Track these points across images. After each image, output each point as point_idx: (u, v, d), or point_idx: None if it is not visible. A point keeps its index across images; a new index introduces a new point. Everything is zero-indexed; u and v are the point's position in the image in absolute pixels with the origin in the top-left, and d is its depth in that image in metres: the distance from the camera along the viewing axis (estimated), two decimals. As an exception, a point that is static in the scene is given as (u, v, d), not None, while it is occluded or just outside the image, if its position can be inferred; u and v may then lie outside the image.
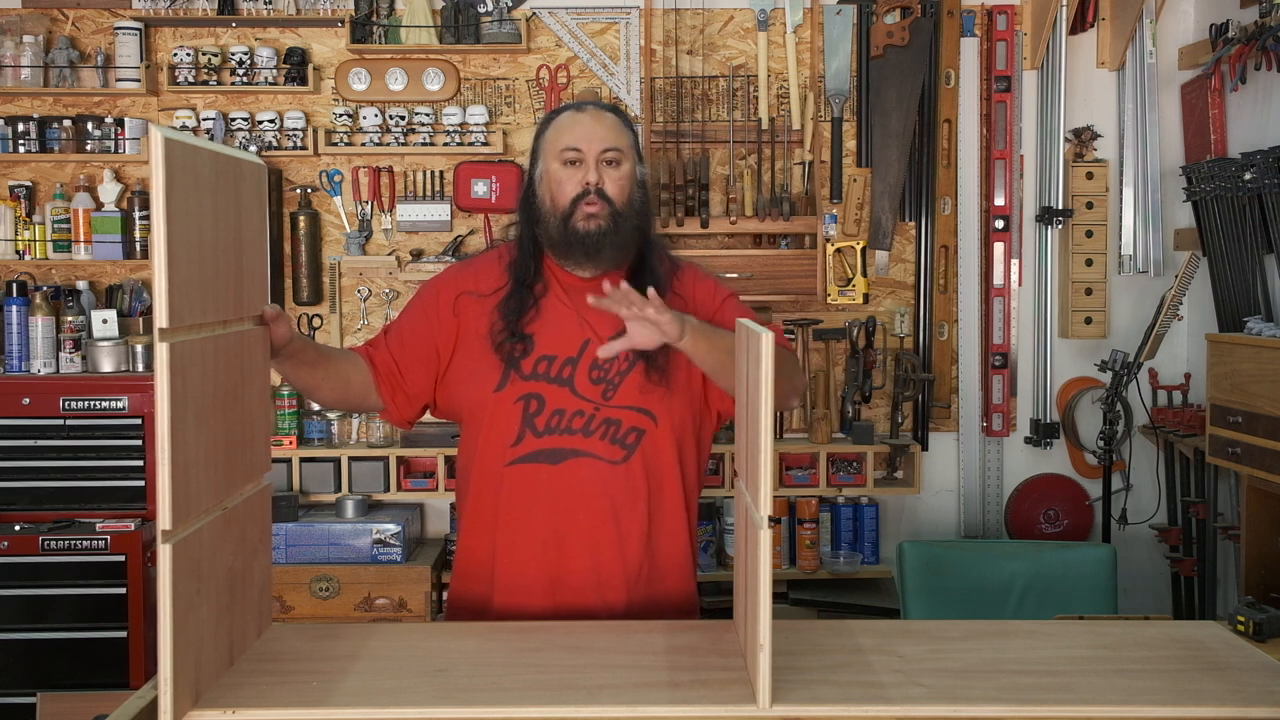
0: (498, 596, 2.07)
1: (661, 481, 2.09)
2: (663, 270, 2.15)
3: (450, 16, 4.08)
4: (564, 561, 2.05)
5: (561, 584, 2.05)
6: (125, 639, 3.66)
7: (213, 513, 1.58)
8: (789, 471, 4.06)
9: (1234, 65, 3.60)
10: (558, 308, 2.10)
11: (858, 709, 1.55)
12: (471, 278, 2.17)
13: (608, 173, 2.06)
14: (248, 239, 1.72)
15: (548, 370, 2.07)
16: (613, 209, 2.05)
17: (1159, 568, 4.14)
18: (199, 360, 1.51)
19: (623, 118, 2.14)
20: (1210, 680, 1.66)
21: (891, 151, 4.12)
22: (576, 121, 2.09)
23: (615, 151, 2.07)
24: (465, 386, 2.12)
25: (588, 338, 2.08)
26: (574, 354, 2.07)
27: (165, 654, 1.44)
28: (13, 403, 3.80)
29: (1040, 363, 4.21)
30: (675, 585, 2.12)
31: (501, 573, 2.07)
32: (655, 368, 2.06)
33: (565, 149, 2.06)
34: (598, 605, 2.05)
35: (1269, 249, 3.50)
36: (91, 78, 4.07)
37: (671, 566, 2.11)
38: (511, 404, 2.06)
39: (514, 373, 2.07)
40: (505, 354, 2.07)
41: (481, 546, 2.10)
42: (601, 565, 2.05)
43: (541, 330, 2.08)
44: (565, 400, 2.06)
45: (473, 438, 2.12)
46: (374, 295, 4.20)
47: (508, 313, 2.08)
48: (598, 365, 2.07)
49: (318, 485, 4.00)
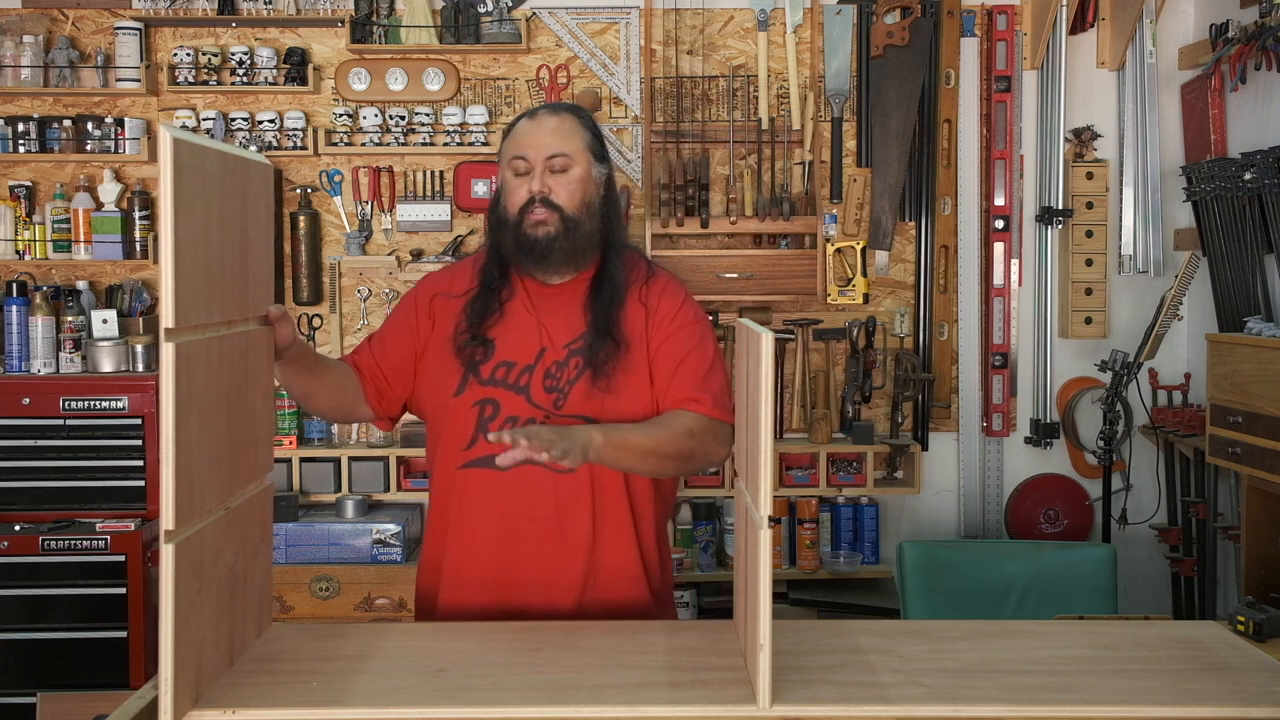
0: (444, 592, 2.10)
1: (606, 490, 2.07)
2: (630, 278, 2.13)
3: (450, 16, 4.08)
4: (509, 564, 2.05)
5: (506, 585, 2.06)
6: (125, 639, 3.66)
7: (215, 513, 1.58)
8: (789, 471, 4.06)
9: (1234, 65, 3.60)
10: (521, 314, 2.11)
11: (858, 709, 1.55)
12: (447, 281, 2.20)
13: (555, 179, 2.06)
14: (254, 239, 1.72)
15: (505, 376, 2.08)
16: (561, 215, 2.05)
17: (1159, 568, 4.14)
18: (204, 360, 1.51)
19: (580, 118, 2.12)
20: (1210, 680, 1.66)
21: (891, 151, 4.12)
22: (525, 130, 2.10)
23: (562, 158, 2.06)
24: (429, 388, 2.14)
25: (544, 345, 2.08)
26: (531, 361, 2.08)
27: (166, 654, 1.44)
28: (13, 403, 3.80)
29: (1040, 363, 4.21)
30: (625, 594, 2.08)
31: (450, 570, 2.09)
32: (602, 375, 2.05)
33: (513, 158, 2.08)
34: (543, 608, 2.04)
35: (1269, 249, 3.50)
36: (91, 78, 4.07)
37: (619, 577, 2.08)
38: (468, 408, 2.07)
39: (473, 377, 2.08)
40: (466, 358, 2.08)
41: (435, 544, 2.13)
42: (546, 571, 2.05)
43: (503, 335, 2.09)
44: (519, 407, 2.06)
45: (434, 439, 2.16)
46: (374, 295, 4.20)
47: (471, 315, 2.10)
48: (550, 374, 2.07)
49: (318, 485, 4.00)
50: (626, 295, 2.11)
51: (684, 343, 2.11)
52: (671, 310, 2.13)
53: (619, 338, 2.07)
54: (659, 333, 2.11)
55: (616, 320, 2.08)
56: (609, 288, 2.10)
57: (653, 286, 2.15)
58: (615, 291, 2.10)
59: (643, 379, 2.09)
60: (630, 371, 2.07)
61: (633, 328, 2.10)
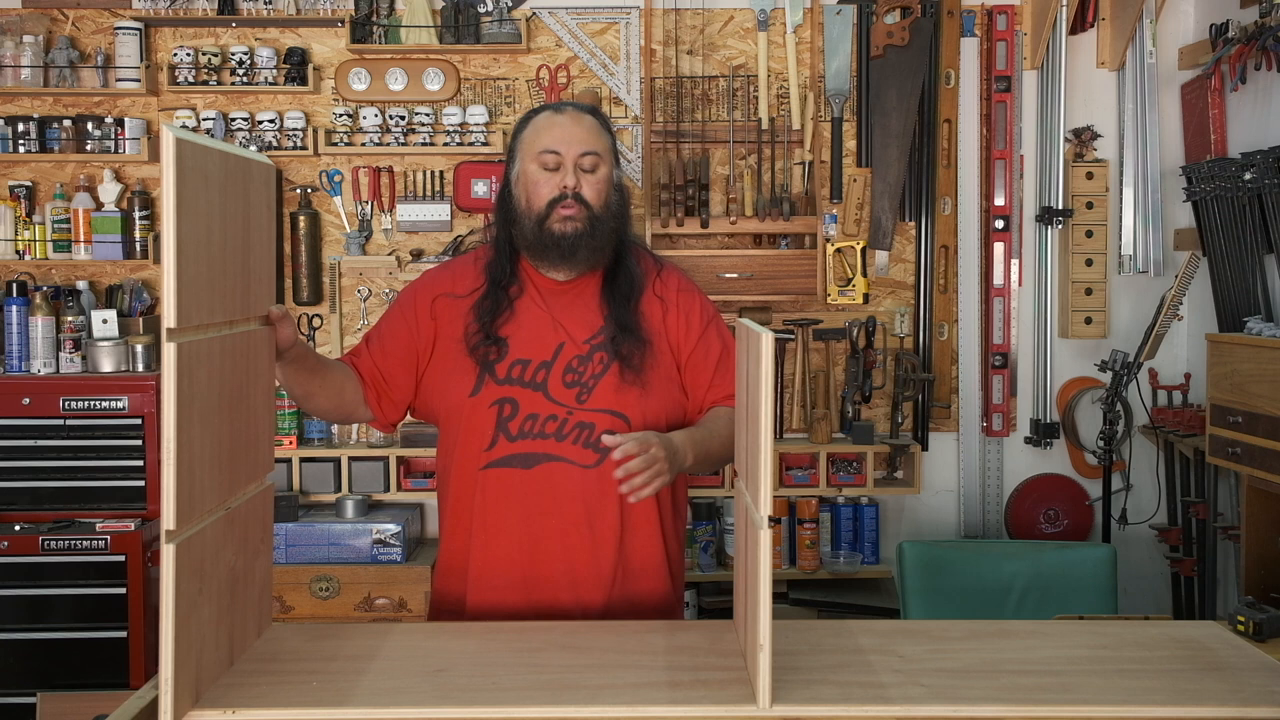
0: (472, 594, 2.08)
1: None
2: (642, 270, 2.15)
3: (450, 16, 4.08)
4: (538, 563, 2.06)
5: (535, 584, 2.06)
6: (125, 639, 3.66)
7: (216, 513, 1.58)
8: (789, 471, 4.06)
9: (1234, 65, 3.60)
10: (532, 310, 2.11)
11: (858, 709, 1.55)
12: (448, 280, 2.18)
13: (585, 177, 2.06)
14: (255, 239, 1.72)
15: (521, 374, 2.07)
16: (590, 213, 2.05)
17: (1159, 568, 4.14)
18: (205, 360, 1.51)
19: (601, 120, 2.14)
20: (1210, 680, 1.66)
21: (891, 151, 4.12)
22: (555, 124, 2.08)
23: (593, 156, 2.07)
24: (442, 390, 2.13)
25: (562, 341, 2.08)
26: (548, 358, 2.08)
27: (166, 654, 1.44)
28: (13, 403, 3.80)
29: (1040, 363, 4.21)
30: (651, 586, 2.11)
31: (476, 571, 2.08)
32: (630, 368, 2.06)
33: (543, 151, 2.06)
34: (573, 605, 2.05)
35: (1269, 249, 3.50)
36: (91, 78, 4.07)
37: (646, 569, 2.11)
38: (486, 408, 2.07)
39: (488, 376, 2.07)
40: (480, 357, 2.07)
41: (459, 546, 2.12)
42: (575, 567, 2.06)
43: (516, 333, 2.09)
44: (538, 405, 2.06)
45: (450, 441, 2.14)
46: (374, 295, 4.20)
47: (482, 314, 2.09)
48: (572, 369, 2.07)
49: (318, 485, 4.00)
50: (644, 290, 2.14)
51: (714, 340, 2.15)
52: (695, 309, 2.17)
53: (643, 332, 2.09)
54: (690, 334, 2.14)
55: (638, 314, 2.10)
56: (627, 283, 2.10)
57: (667, 281, 2.18)
58: (635, 286, 2.10)
59: (669, 372, 2.12)
60: (656, 366, 2.09)
61: (652, 322, 2.12)
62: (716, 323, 2.19)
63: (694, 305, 2.17)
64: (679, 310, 2.15)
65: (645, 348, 2.07)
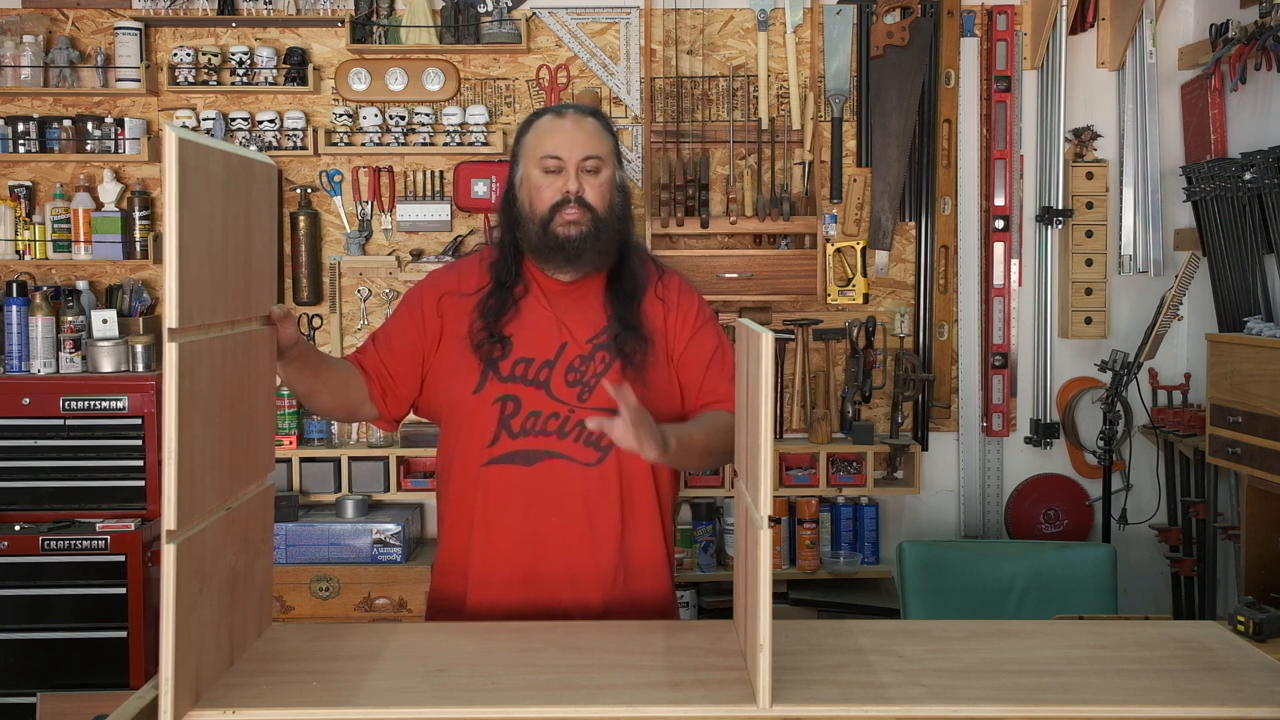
0: (472, 592, 2.09)
1: (635, 483, 2.10)
2: (644, 273, 2.17)
3: (450, 16, 4.08)
4: (538, 560, 2.06)
5: (536, 582, 2.07)
6: (125, 639, 3.66)
7: (216, 513, 1.58)
8: (789, 471, 4.06)
9: (1234, 65, 3.60)
10: (537, 310, 2.12)
11: (858, 709, 1.55)
12: (454, 279, 2.19)
13: (588, 180, 2.07)
14: (257, 239, 1.72)
15: (525, 372, 2.09)
16: (594, 215, 2.07)
17: (1159, 568, 4.14)
18: (207, 360, 1.51)
19: (603, 122, 2.15)
20: (1210, 680, 1.66)
21: (891, 151, 4.12)
22: (556, 128, 2.09)
23: (595, 159, 2.08)
24: (445, 387, 2.14)
25: (565, 340, 2.10)
26: (551, 357, 2.09)
27: (167, 654, 1.44)
28: (13, 403, 3.80)
29: (1040, 363, 4.21)
30: (651, 585, 2.13)
31: (476, 569, 2.09)
32: (632, 366, 2.08)
33: (545, 156, 2.07)
34: (572, 604, 2.06)
35: (1269, 249, 3.50)
36: (91, 78, 4.07)
37: (647, 567, 2.12)
38: (489, 405, 2.08)
39: (492, 374, 2.09)
40: (484, 355, 2.09)
41: (459, 544, 2.12)
42: (576, 565, 2.06)
43: (520, 332, 2.10)
44: (541, 402, 2.07)
45: (452, 438, 2.15)
46: (374, 295, 4.20)
47: (486, 313, 2.10)
48: (574, 368, 2.09)
49: (318, 485, 4.00)
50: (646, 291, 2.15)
51: (708, 342, 2.17)
52: (693, 309, 2.19)
53: (645, 332, 2.10)
54: (684, 330, 2.16)
55: (641, 314, 2.12)
56: (631, 282, 2.12)
57: (668, 283, 2.20)
58: (638, 287, 2.12)
59: (667, 372, 2.14)
60: (657, 365, 2.11)
61: (654, 322, 2.14)
62: (713, 323, 2.21)
63: (692, 305, 2.20)
64: (679, 311, 2.17)
65: (647, 346, 2.09)
